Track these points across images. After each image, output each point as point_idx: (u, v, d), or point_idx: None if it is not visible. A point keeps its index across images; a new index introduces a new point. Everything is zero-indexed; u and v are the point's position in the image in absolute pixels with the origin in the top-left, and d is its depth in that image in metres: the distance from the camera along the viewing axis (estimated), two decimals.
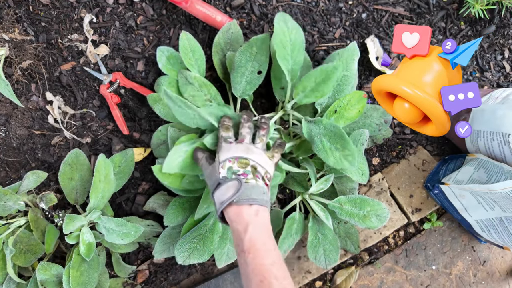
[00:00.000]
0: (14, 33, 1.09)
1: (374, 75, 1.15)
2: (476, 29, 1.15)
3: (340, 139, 0.83)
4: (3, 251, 0.97)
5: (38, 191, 1.12)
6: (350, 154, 0.82)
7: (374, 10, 1.13)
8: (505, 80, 1.18)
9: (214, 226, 0.95)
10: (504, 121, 0.92)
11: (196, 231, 0.95)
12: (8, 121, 1.13)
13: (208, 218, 0.95)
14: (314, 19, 1.12)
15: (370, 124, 1.06)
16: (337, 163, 0.83)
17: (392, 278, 1.19)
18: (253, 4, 1.10)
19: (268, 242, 0.67)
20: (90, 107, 1.14)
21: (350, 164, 0.82)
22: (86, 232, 0.96)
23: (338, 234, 1.12)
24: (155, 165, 0.84)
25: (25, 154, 1.14)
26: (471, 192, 0.97)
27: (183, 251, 0.94)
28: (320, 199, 1.00)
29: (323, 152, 0.84)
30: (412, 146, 1.19)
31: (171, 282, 1.17)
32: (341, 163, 0.83)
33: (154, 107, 1.00)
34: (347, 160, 0.82)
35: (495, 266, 1.20)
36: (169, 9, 1.11)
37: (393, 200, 1.19)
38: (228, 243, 0.99)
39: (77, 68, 1.12)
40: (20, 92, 1.12)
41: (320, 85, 0.84)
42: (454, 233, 1.20)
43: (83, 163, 1.07)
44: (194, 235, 0.95)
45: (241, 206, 0.69)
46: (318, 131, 0.86)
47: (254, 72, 0.95)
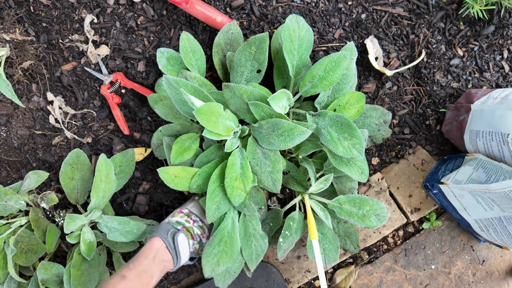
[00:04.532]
0: (15, 33, 1.09)
1: (374, 76, 1.16)
2: (475, 29, 1.15)
3: (347, 128, 0.85)
4: (4, 251, 0.97)
5: (39, 191, 1.12)
6: (358, 142, 0.84)
7: (373, 11, 1.14)
8: (504, 80, 1.19)
9: (234, 226, 0.94)
10: (503, 121, 0.93)
11: (219, 235, 0.93)
12: (9, 121, 1.13)
13: (226, 219, 0.94)
14: (313, 19, 1.12)
15: (370, 124, 1.06)
16: (346, 153, 0.85)
17: (391, 277, 1.19)
18: (253, 4, 1.11)
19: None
20: (91, 107, 1.15)
21: (358, 152, 0.84)
22: (87, 231, 0.97)
23: (338, 233, 1.12)
24: (161, 168, 0.88)
25: (26, 154, 1.15)
26: (470, 191, 0.97)
27: (211, 257, 0.91)
28: (320, 198, 1.00)
29: (332, 142, 0.86)
30: (411, 146, 1.20)
31: (171, 281, 1.18)
32: (350, 152, 0.85)
33: (155, 107, 1.01)
34: (356, 149, 0.84)
35: (494, 265, 1.21)
36: (170, 9, 1.11)
37: (392, 200, 1.19)
38: (253, 240, 0.97)
39: (78, 69, 1.12)
40: (21, 92, 1.13)
41: (329, 73, 0.85)
42: (453, 232, 1.21)
43: (84, 163, 1.07)
44: (219, 238, 0.92)
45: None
46: (324, 123, 0.88)
47: (253, 71, 0.95)
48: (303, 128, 0.82)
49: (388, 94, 1.17)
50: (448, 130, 1.14)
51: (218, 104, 0.81)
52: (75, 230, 0.96)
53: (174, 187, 0.91)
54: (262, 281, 1.14)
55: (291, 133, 0.83)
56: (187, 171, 0.92)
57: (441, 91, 1.17)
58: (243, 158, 0.89)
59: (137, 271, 0.78)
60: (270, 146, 0.87)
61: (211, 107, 0.79)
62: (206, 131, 0.81)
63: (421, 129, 1.19)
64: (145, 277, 0.78)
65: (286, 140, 0.84)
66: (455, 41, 1.15)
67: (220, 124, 0.82)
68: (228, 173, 0.87)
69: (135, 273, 0.78)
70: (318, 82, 0.87)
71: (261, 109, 0.86)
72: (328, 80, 0.86)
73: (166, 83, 0.84)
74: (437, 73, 1.16)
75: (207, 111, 0.79)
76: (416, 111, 1.18)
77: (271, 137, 0.86)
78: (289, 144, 0.84)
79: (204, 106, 0.78)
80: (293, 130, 0.83)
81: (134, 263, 0.80)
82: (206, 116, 0.79)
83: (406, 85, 1.17)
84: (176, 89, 0.85)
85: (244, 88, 0.84)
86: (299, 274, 1.17)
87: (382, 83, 1.16)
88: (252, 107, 0.86)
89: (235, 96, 0.86)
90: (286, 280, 1.17)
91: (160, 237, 0.87)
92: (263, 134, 0.87)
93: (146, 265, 0.80)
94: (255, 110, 0.86)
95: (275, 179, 0.89)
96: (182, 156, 0.92)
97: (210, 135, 0.82)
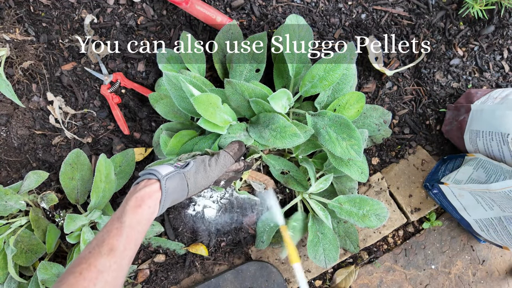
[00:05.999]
0: (15, 33, 1.09)
1: (374, 76, 1.16)
2: (475, 29, 1.15)
3: (346, 129, 0.85)
4: (4, 251, 0.97)
5: (39, 191, 1.12)
6: (357, 143, 0.84)
7: (373, 11, 1.14)
8: (504, 80, 1.19)
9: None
10: (503, 121, 0.93)
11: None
12: (9, 121, 1.13)
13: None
14: (313, 19, 1.12)
15: (370, 124, 1.06)
16: (344, 153, 0.85)
17: (391, 277, 1.19)
18: (253, 4, 1.11)
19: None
20: (91, 107, 1.15)
21: (356, 153, 0.84)
22: (87, 231, 0.97)
23: (338, 233, 1.12)
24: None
25: (26, 154, 1.15)
26: (470, 191, 0.97)
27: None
28: (320, 198, 1.00)
29: (330, 142, 0.86)
30: (411, 146, 1.20)
31: (171, 281, 1.18)
32: (348, 153, 0.84)
33: (155, 106, 1.01)
34: (354, 149, 0.84)
35: (494, 265, 1.21)
36: (170, 9, 1.11)
37: (392, 200, 1.19)
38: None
39: (78, 69, 1.12)
40: (21, 92, 1.13)
41: (329, 73, 0.86)
42: (453, 232, 1.21)
43: (84, 163, 1.07)
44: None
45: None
46: (323, 123, 0.88)
47: (252, 71, 0.96)
48: (295, 129, 0.81)
49: (388, 94, 1.17)
50: (448, 130, 1.14)
51: (216, 96, 0.80)
52: (75, 230, 0.96)
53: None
54: (262, 281, 1.14)
55: (283, 131, 0.83)
56: (181, 139, 0.91)
57: (441, 91, 1.17)
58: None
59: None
60: (260, 140, 0.86)
61: (209, 98, 0.79)
62: (202, 120, 0.79)
63: (421, 129, 1.19)
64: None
65: (276, 137, 0.83)
66: (455, 41, 1.15)
67: (217, 116, 0.82)
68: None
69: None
70: (318, 82, 0.87)
71: (262, 106, 0.86)
72: (328, 80, 0.86)
73: (166, 80, 0.84)
74: (437, 73, 1.16)
75: (205, 101, 0.78)
76: (416, 111, 1.18)
77: (263, 131, 0.85)
78: (278, 142, 0.83)
79: (202, 96, 0.77)
80: (286, 128, 0.82)
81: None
82: (204, 106, 0.78)
83: (406, 85, 1.17)
84: (176, 85, 0.85)
85: (245, 85, 0.84)
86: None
87: (382, 83, 1.16)
88: (253, 104, 0.86)
89: (236, 93, 0.86)
90: (286, 280, 1.17)
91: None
92: (258, 127, 0.87)
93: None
94: (255, 107, 0.86)
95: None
96: (179, 150, 0.92)
97: (206, 124, 0.80)
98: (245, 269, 1.14)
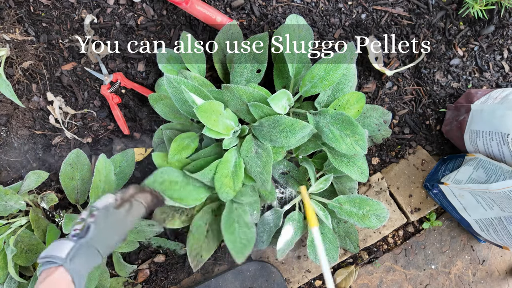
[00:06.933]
0: (15, 33, 1.09)
1: (374, 76, 1.16)
2: (475, 29, 1.15)
3: (349, 125, 0.85)
4: (4, 251, 0.97)
5: (39, 191, 1.12)
6: (361, 139, 0.85)
7: (373, 11, 1.14)
8: (504, 80, 1.19)
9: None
10: (503, 121, 0.93)
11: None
12: (9, 121, 1.13)
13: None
14: (313, 19, 1.12)
15: (370, 124, 1.06)
16: (349, 149, 0.85)
17: (391, 277, 1.19)
18: (253, 4, 1.11)
19: None
20: (91, 107, 1.15)
21: (361, 148, 0.85)
22: None
23: (338, 233, 1.12)
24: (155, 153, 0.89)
25: (26, 154, 1.15)
26: (470, 191, 0.97)
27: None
28: (320, 198, 1.00)
29: (334, 140, 0.86)
30: (411, 146, 1.20)
31: (171, 281, 1.18)
32: (353, 149, 0.85)
33: (155, 106, 1.01)
34: (359, 145, 0.85)
35: (494, 265, 1.21)
36: (170, 9, 1.11)
37: (392, 200, 1.19)
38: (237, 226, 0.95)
39: (78, 69, 1.13)
40: (21, 93, 1.13)
41: (329, 73, 0.86)
42: (453, 232, 1.21)
43: (84, 163, 1.07)
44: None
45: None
46: (325, 121, 0.88)
47: (253, 71, 0.96)
48: (303, 122, 0.82)
49: (388, 94, 1.17)
50: (448, 130, 1.14)
51: (219, 102, 0.81)
52: None
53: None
54: (262, 281, 1.14)
55: (292, 128, 0.83)
56: (181, 161, 0.91)
57: (441, 91, 1.17)
58: (238, 157, 0.89)
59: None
60: (272, 143, 0.87)
61: (212, 105, 0.79)
62: (206, 129, 0.81)
63: (421, 129, 1.19)
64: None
65: (288, 135, 0.83)
66: (455, 41, 1.15)
67: (220, 123, 0.82)
68: (220, 168, 0.87)
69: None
70: (318, 82, 0.87)
71: (261, 109, 0.86)
72: (328, 80, 0.86)
73: (167, 82, 0.84)
74: (437, 73, 1.16)
75: (208, 109, 0.79)
76: (416, 111, 1.18)
77: (272, 134, 0.85)
78: (291, 139, 0.83)
79: (205, 104, 0.78)
80: (294, 125, 0.83)
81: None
82: (206, 114, 0.79)
83: (406, 85, 1.17)
84: (176, 88, 0.85)
85: (243, 89, 0.84)
86: (299, 274, 1.18)
87: (382, 83, 1.16)
88: (251, 108, 0.86)
89: (234, 97, 0.86)
90: (286, 280, 1.17)
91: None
92: (264, 131, 0.87)
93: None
94: (254, 110, 0.86)
95: (264, 180, 0.89)
96: (181, 154, 0.92)
97: (210, 133, 0.82)
98: (245, 269, 1.14)
